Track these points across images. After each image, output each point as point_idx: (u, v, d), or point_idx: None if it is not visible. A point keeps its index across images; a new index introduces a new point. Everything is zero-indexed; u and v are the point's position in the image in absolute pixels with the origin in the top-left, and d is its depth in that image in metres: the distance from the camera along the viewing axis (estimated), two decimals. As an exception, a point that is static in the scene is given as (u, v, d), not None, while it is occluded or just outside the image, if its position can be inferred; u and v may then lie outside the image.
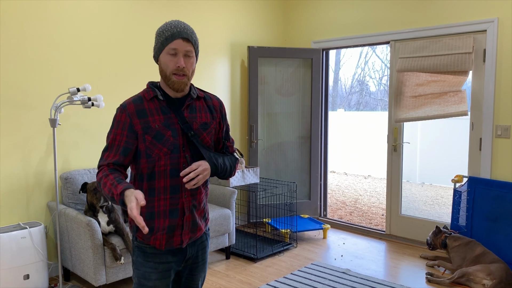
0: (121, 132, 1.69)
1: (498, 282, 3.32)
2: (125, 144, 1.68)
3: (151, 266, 1.75)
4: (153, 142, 1.68)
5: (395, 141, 4.66)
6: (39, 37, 3.47)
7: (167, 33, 1.66)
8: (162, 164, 1.70)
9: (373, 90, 18.57)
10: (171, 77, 1.68)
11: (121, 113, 1.70)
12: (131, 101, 1.72)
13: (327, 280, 3.58)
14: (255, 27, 5.29)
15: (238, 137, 5.21)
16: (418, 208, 6.91)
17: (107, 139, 1.72)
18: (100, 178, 1.64)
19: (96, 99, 3.29)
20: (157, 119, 1.70)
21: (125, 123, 1.69)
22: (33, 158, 3.49)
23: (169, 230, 1.74)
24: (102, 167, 1.68)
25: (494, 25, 3.91)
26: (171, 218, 1.73)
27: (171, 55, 1.66)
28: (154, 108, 1.71)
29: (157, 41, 1.70)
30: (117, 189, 1.55)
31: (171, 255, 1.78)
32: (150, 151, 1.69)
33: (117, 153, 1.68)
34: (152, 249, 1.76)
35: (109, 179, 1.60)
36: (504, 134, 3.92)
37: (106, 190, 1.59)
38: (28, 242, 3.19)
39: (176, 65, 1.66)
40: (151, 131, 1.68)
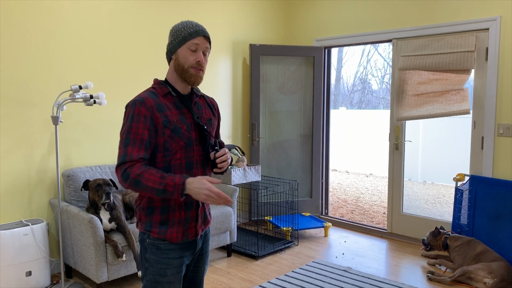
0: (143, 125, 1.68)
1: (500, 280, 3.32)
2: (148, 137, 1.68)
3: (166, 262, 1.77)
4: (171, 135, 1.71)
5: (397, 139, 4.66)
6: (41, 35, 3.48)
7: (190, 30, 1.74)
8: (178, 158, 1.74)
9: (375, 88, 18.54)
10: (189, 70, 1.74)
11: (141, 107, 1.69)
12: (147, 95, 1.73)
13: (328, 278, 3.58)
14: (257, 25, 5.28)
15: (239, 135, 5.21)
16: (420, 206, 6.90)
17: (126, 133, 1.68)
18: (138, 174, 1.61)
19: (98, 96, 3.30)
20: (174, 114, 1.74)
21: (146, 116, 1.68)
22: (35, 155, 3.50)
23: (185, 222, 1.77)
24: (134, 163, 1.64)
25: (497, 24, 3.90)
26: (186, 210, 1.77)
27: (191, 50, 1.73)
28: (169, 103, 1.75)
29: (176, 36, 1.75)
30: (175, 179, 1.60)
31: (185, 249, 1.81)
32: (168, 144, 1.71)
33: (142, 147, 1.67)
34: (166, 245, 1.76)
35: (153, 174, 1.61)
36: (506, 132, 3.91)
37: (151, 184, 1.60)
38: (30, 239, 3.21)
39: (196, 59, 1.73)
40: (170, 125, 1.71)
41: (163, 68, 4.34)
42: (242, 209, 5.26)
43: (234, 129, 5.13)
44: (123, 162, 1.65)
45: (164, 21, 4.31)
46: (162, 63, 4.33)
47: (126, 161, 1.64)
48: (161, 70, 4.32)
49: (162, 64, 4.33)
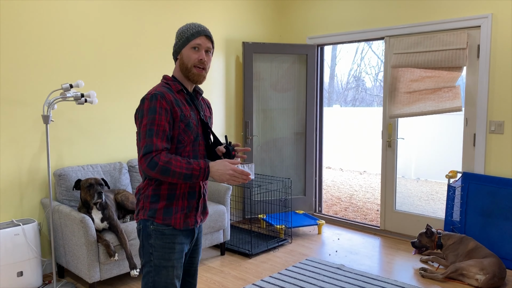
0: (165, 118, 1.77)
1: (491, 276, 3.34)
2: (169, 130, 1.79)
3: (170, 247, 1.86)
4: (185, 129, 1.83)
5: (389, 137, 4.67)
6: (31, 33, 3.45)
7: (193, 30, 1.87)
8: (188, 150, 1.86)
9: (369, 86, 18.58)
10: (192, 69, 1.86)
11: (162, 100, 1.78)
12: (165, 90, 1.83)
13: (321, 276, 3.59)
14: (250, 23, 5.27)
15: (233, 133, 5.20)
16: (413, 203, 6.93)
17: (150, 124, 1.76)
18: (166, 161, 1.72)
19: (89, 95, 3.28)
20: (188, 109, 1.87)
21: (167, 109, 1.78)
22: (26, 154, 3.47)
23: (187, 210, 1.89)
24: (159, 152, 1.74)
25: (488, 21, 3.91)
26: (189, 199, 1.89)
27: (194, 49, 1.86)
28: (182, 99, 1.88)
29: (180, 37, 1.88)
30: (200, 164, 1.75)
31: (185, 236, 1.92)
32: (181, 137, 1.83)
33: (164, 138, 1.77)
34: (170, 230, 1.86)
35: (179, 160, 1.74)
36: (498, 129, 3.93)
37: (179, 169, 1.72)
38: (22, 239, 3.18)
39: (198, 58, 1.86)
40: (185, 119, 1.83)
41: (155, 67, 4.32)
42: (236, 208, 5.26)
43: (227, 127, 5.12)
44: (149, 152, 1.74)
45: (156, 19, 4.29)
46: (154, 62, 4.31)
47: (152, 151, 1.74)
48: (152, 69, 4.30)
49: (153, 62, 4.30)
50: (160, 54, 4.35)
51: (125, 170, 3.90)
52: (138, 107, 1.84)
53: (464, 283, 3.48)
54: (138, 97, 4.20)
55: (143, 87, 4.23)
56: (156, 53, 4.32)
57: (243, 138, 5.13)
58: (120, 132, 4.09)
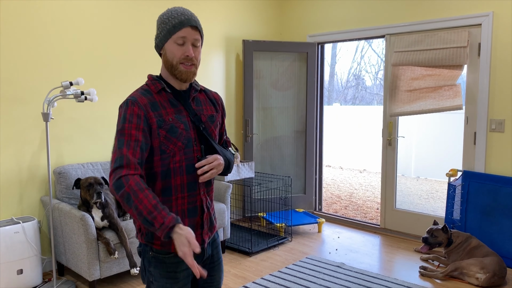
0: (137, 126, 1.52)
1: (492, 275, 3.34)
2: (143, 138, 1.52)
3: (172, 277, 1.62)
4: (167, 136, 1.56)
5: (390, 135, 4.67)
6: (31, 31, 3.44)
7: (174, 21, 1.56)
8: (178, 160, 1.58)
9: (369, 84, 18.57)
10: (178, 67, 1.58)
11: (133, 106, 1.54)
12: (139, 94, 1.59)
13: (321, 274, 3.59)
14: (250, 21, 5.26)
15: (233, 132, 5.19)
16: (413, 202, 6.93)
17: (119, 134, 1.52)
18: (134, 190, 1.43)
19: (89, 93, 3.27)
20: (169, 112, 1.59)
21: (139, 116, 1.53)
22: (26, 152, 3.47)
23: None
24: (132, 175, 1.46)
25: (489, 19, 3.90)
26: (190, 217, 1.63)
27: (178, 44, 1.57)
28: (164, 100, 1.61)
29: (161, 29, 1.59)
30: (164, 218, 1.41)
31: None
32: (164, 146, 1.56)
33: (137, 149, 1.50)
34: (172, 258, 1.62)
35: (148, 197, 1.43)
36: (499, 128, 3.92)
37: (141, 207, 1.42)
38: (22, 237, 3.18)
39: (184, 54, 1.57)
40: (165, 125, 1.56)
41: (155, 63, 4.31)
42: (236, 206, 5.25)
43: (227, 126, 5.11)
44: (119, 167, 1.47)
45: (156, 15, 4.28)
46: (154, 58, 4.30)
47: (123, 166, 1.47)
48: (153, 65, 4.29)
49: (154, 58, 4.29)
50: (160, 52, 4.33)
51: (125, 168, 3.89)
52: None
53: (464, 281, 3.48)
54: (138, 95, 4.19)
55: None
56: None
57: (243, 136, 5.12)
58: (120, 130, 4.08)
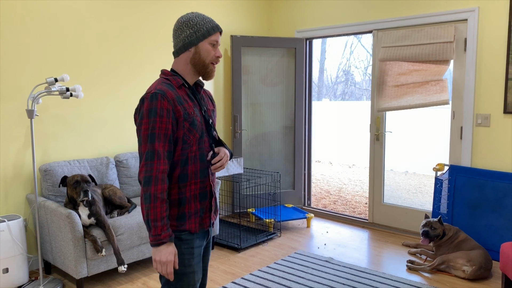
0: (167, 120, 1.65)
1: (478, 268, 3.38)
2: (171, 132, 1.67)
3: (189, 252, 1.78)
4: (190, 128, 1.71)
5: (377, 130, 4.69)
6: (15, 26, 3.38)
7: (210, 24, 1.76)
8: (194, 150, 1.74)
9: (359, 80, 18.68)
10: (209, 66, 1.77)
11: (163, 100, 1.65)
12: (166, 88, 1.70)
13: (310, 269, 3.60)
14: (239, 16, 5.24)
15: (222, 128, 5.18)
16: (401, 196, 6.98)
17: (151, 128, 1.64)
18: (156, 197, 1.62)
19: (75, 89, 3.23)
20: (191, 106, 1.75)
21: (168, 110, 1.66)
22: (11, 150, 3.42)
23: (201, 212, 1.80)
24: (162, 171, 1.64)
25: (475, 14, 3.93)
26: (201, 201, 1.79)
27: (212, 45, 1.76)
28: (184, 95, 1.76)
29: (196, 29, 1.74)
30: (163, 232, 1.63)
31: (201, 238, 1.84)
32: (186, 137, 1.71)
33: (166, 142, 1.66)
34: (187, 235, 1.77)
35: (163, 208, 1.63)
36: (484, 123, 3.96)
37: (152, 212, 1.61)
38: (7, 235, 3.14)
39: (216, 55, 1.77)
40: (189, 118, 1.71)
41: (141, 61, 4.27)
42: (225, 202, 5.25)
43: (216, 121, 5.09)
44: (150, 160, 1.62)
45: (143, 13, 4.24)
46: (140, 56, 4.26)
47: (154, 160, 1.62)
48: (139, 63, 4.25)
49: (139, 56, 4.26)
50: (146, 48, 4.30)
51: (112, 165, 3.87)
52: (137, 107, 1.71)
53: (451, 274, 3.52)
54: (124, 91, 4.15)
55: (130, 81, 4.19)
56: (142, 47, 4.27)
57: (232, 132, 5.11)
58: (107, 126, 4.04)
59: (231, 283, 3.35)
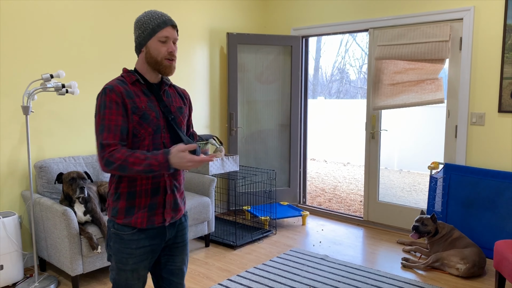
0: (116, 111, 1.71)
1: (472, 266, 3.41)
2: (122, 123, 1.71)
3: (128, 252, 1.80)
4: (140, 122, 1.74)
5: (373, 128, 4.70)
6: (10, 22, 3.36)
7: (157, 21, 1.76)
8: (146, 144, 1.77)
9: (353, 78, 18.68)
10: (163, 62, 1.77)
11: (111, 94, 1.71)
12: (115, 83, 1.75)
13: (305, 266, 3.61)
14: (235, 13, 5.23)
15: (217, 125, 5.17)
16: (396, 194, 7.01)
17: (101, 120, 1.70)
18: (123, 159, 1.65)
19: (71, 85, 3.22)
20: (142, 100, 1.77)
21: (117, 102, 1.71)
22: (5, 146, 3.40)
23: (150, 208, 1.79)
24: (114, 149, 1.68)
25: (471, 14, 3.95)
26: (152, 196, 1.80)
27: (161, 42, 1.76)
28: (138, 90, 1.79)
29: (144, 28, 1.77)
30: (158, 158, 1.64)
31: (149, 238, 1.82)
32: (136, 131, 1.74)
33: (117, 133, 1.70)
34: (129, 235, 1.79)
35: (137, 157, 1.65)
36: (479, 121, 3.99)
37: (137, 167, 1.64)
38: (2, 232, 3.12)
39: (168, 50, 1.77)
40: (138, 111, 1.74)
41: (136, 58, 4.25)
42: (220, 199, 5.25)
43: (211, 119, 5.09)
44: (103, 149, 1.68)
45: (138, 9, 4.22)
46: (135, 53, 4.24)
47: (105, 148, 1.67)
48: (134, 60, 4.24)
49: (134, 53, 4.23)
50: (143, 44, 4.28)
51: (108, 162, 3.85)
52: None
53: (445, 272, 3.54)
54: (120, 88, 4.13)
55: (126, 78, 4.17)
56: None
57: (228, 130, 5.10)
58: (103, 123, 4.02)
59: (226, 280, 3.36)
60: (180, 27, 4.62)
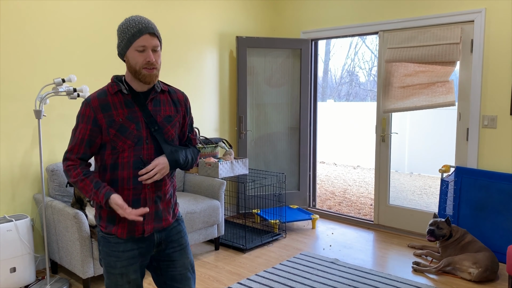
0: (85, 126, 1.74)
1: (484, 270, 3.37)
2: (89, 137, 1.75)
3: (115, 255, 1.82)
4: (117, 135, 1.74)
5: (383, 131, 4.68)
6: (23, 28, 3.41)
7: (133, 30, 1.70)
8: (126, 156, 1.77)
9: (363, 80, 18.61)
10: (141, 71, 1.73)
11: (85, 108, 1.75)
12: (95, 95, 1.77)
13: (315, 270, 3.60)
14: (244, 17, 5.24)
15: (227, 128, 5.19)
16: (406, 198, 6.97)
17: (73, 131, 1.79)
18: (76, 181, 1.75)
19: (82, 89, 3.25)
20: (120, 113, 1.75)
21: (89, 117, 1.74)
22: (18, 150, 3.44)
23: (130, 220, 1.79)
24: (73, 165, 1.77)
25: (482, 16, 3.92)
26: (133, 207, 1.80)
27: (139, 51, 1.71)
28: (118, 102, 1.77)
29: (122, 38, 1.74)
30: (100, 196, 1.72)
31: (136, 242, 1.84)
32: (114, 143, 1.75)
33: (82, 146, 1.76)
34: (115, 239, 1.82)
35: (86, 184, 1.74)
36: (491, 124, 3.95)
37: (84, 192, 1.76)
38: (14, 235, 3.16)
39: (146, 60, 1.71)
40: (115, 125, 1.74)
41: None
42: (230, 202, 5.26)
43: (221, 122, 5.11)
44: (64, 159, 1.78)
45: (148, 13, 4.25)
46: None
47: (66, 159, 1.77)
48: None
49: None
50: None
51: (118, 165, 3.88)
52: None
53: (457, 276, 3.51)
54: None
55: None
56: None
57: (237, 133, 5.12)
58: (113, 127, 4.06)
59: (236, 283, 3.36)
60: (190, 31, 4.65)
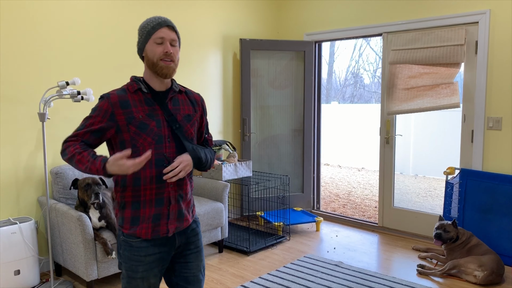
0: (101, 119, 1.73)
1: (490, 273, 3.34)
2: (99, 128, 1.73)
3: (137, 260, 1.80)
4: (137, 132, 1.73)
5: (387, 133, 4.66)
6: (27, 31, 3.42)
7: (153, 23, 1.74)
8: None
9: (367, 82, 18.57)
10: (159, 63, 1.74)
11: (104, 102, 1.74)
12: (114, 92, 1.77)
13: (319, 273, 3.59)
14: (248, 20, 5.25)
15: (230, 131, 5.19)
16: (411, 200, 6.93)
17: (85, 119, 1.76)
18: (73, 154, 1.68)
19: (86, 92, 3.26)
20: (140, 110, 1.75)
21: (106, 111, 1.73)
22: (23, 152, 3.46)
23: (154, 219, 1.78)
24: (73, 142, 1.72)
25: (486, 17, 3.90)
26: (156, 207, 1.78)
27: (157, 43, 1.74)
28: (138, 100, 1.77)
29: (142, 33, 1.78)
30: (96, 165, 1.64)
31: (158, 246, 1.82)
32: (134, 141, 1.73)
33: (88, 133, 1.73)
34: (138, 243, 1.79)
35: (84, 156, 1.67)
36: (496, 126, 3.92)
37: (80, 165, 1.67)
38: (19, 237, 3.17)
39: (164, 51, 1.73)
40: (135, 121, 1.73)
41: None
42: (234, 205, 5.25)
43: (225, 125, 5.11)
44: (65, 142, 1.74)
45: (153, 15, 4.26)
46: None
47: (67, 138, 1.74)
48: (150, 66, 4.27)
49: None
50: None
51: (122, 168, 3.88)
52: None
53: (462, 279, 3.48)
54: (135, 95, 4.18)
55: (140, 85, 4.21)
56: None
57: (241, 135, 5.11)
58: (117, 129, 4.06)
59: (240, 286, 3.35)
60: (194, 34, 4.65)
